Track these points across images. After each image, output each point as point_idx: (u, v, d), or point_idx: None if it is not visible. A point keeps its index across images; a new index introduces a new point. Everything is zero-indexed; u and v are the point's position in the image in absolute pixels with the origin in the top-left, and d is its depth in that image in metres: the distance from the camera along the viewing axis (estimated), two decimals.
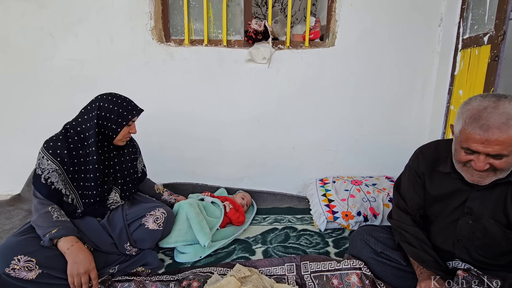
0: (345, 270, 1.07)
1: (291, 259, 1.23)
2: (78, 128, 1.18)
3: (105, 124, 1.17)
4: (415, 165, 1.08)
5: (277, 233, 1.56)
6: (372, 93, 1.86)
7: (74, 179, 1.17)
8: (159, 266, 1.25)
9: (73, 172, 1.17)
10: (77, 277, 1.01)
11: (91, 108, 1.18)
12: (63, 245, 1.03)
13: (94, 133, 1.15)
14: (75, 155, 1.17)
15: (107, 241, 1.17)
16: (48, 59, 1.91)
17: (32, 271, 0.98)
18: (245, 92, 1.89)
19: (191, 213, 1.40)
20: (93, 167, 1.17)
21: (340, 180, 1.81)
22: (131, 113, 1.21)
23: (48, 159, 1.12)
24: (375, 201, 1.60)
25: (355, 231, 1.19)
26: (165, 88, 1.91)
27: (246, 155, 1.99)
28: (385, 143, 1.93)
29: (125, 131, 1.21)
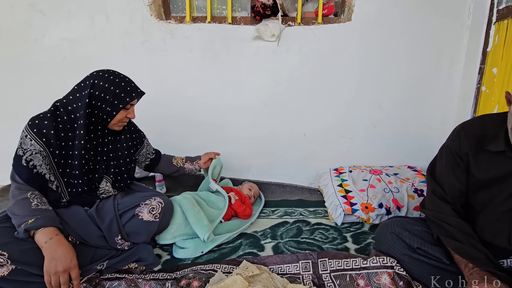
0: (373, 268, 0.90)
1: (307, 256, 1.07)
2: (68, 107, 1.03)
3: (99, 105, 1.02)
4: (455, 145, 0.91)
5: (288, 227, 1.39)
6: (393, 74, 1.67)
7: (60, 165, 1.02)
8: (155, 263, 1.09)
9: (60, 156, 1.01)
10: (54, 276, 0.86)
11: (84, 86, 1.03)
12: (41, 238, 0.88)
13: (84, 115, 1.00)
14: (63, 137, 1.01)
15: (94, 234, 1.02)
16: (39, 38, 1.77)
17: (4, 267, 0.84)
18: (252, 73, 1.73)
19: (186, 205, 1.25)
20: (78, 153, 1.02)
21: (357, 169, 1.64)
22: (130, 95, 1.05)
23: (32, 138, 0.97)
24: (399, 192, 1.43)
25: (382, 223, 1.02)
26: (164, 69, 1.75)
27: (253, 142, 1.83)
28: (407, 129, 1.74)
29: (121, 115, 1.06)
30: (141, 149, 1.33)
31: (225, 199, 1.43)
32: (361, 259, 0.94)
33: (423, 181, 1.49)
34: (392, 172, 1.58)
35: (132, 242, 1.09)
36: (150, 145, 1.40)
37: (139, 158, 1.34)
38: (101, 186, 1.10)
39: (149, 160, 1.38)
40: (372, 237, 1.29)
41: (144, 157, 1.36)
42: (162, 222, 1.13)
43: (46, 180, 0.99)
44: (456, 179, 0.89)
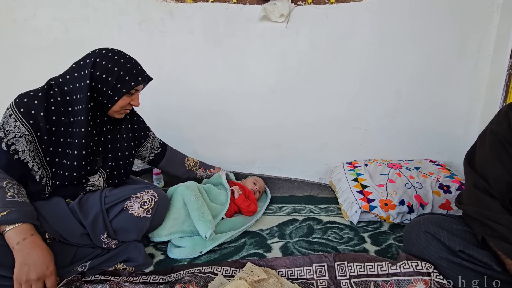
0: (405, 275, 0.75)
1: (321, 258, 0.92)
2: (65, 87, 0.89)
3: (100, 88, 0.89)
4: (502, 128, 0.75)
5: (297, 225, 1.24)
6: (414, 58, 1.51)
7: (48, 153, 0.88)
8: (146, 263, 0.95)
9: (48, 142, 0.87)
10: (26, 285, 0.72)
11: (84, 64, 0.89)
12: (12, 237, 0.74)
13: (86, 98, 0.87)
14: (54, 121, 0.87)
15: (76, 231, 0.88)
16: (29, 19, 1.65)
17: None
18: (258, 57, 1.58)
19: (189, 197, 1.10)
20: (78, 142, 0.88)
21: (373, 163, 1.49)
22: (136, 79, 0.92)
23: (17, 119, 0.83)
24: (422, 188, 1.27)
25: (413, 221, 0.87)
26: (163, 52, 1.61)
27: (258, 133, 1.68)
28: (428, 119, 1.58)
29: (124, 101, 0.93)
30: (145, 144, 1.19)
31: (227, 193, 1.29)
32: (389, 263, 0.79)
33: (449, 176, 1.33)
34: (412, 166, 1.42)
35: (121, 240, 0.95)
36: (156, 139, 1.26)
37: (143, 153, 1.21)
38: (91, 180, 0.96)
39: (154, 155, 1.24)
40: (393, 238, 1.14)
41: (149, 152, 1.22)
42: (156, 218, 0.98)
43: (28, 169, 0.85)
44: (504, 169, 0.74)
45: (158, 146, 1.25)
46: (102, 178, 0.99)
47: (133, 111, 1.14)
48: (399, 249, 1.06)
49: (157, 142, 1.26)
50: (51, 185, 0.90)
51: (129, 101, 0.95)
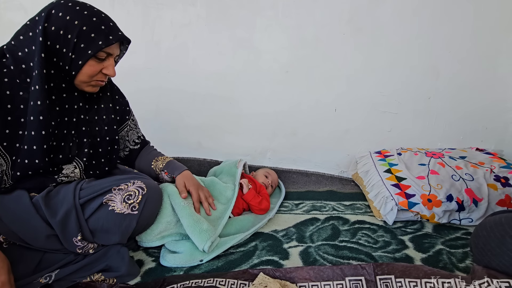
0: None
1: (357, 270, 0.70)
2: (19, 52, 0.69)
3: (58, 49, 0.68)
4: None
5: (319, 226, 1.03)
6: (455, 28, 1.27)
7: (5, 137, 0.69)
8: (130, 273, 0.75)
9: (4, 123, 0.68)
10: None
11: (38, 19, 0.68)
12: None
13: (40, 61, 0.67)
14: (9, 96, 0.68)
15: (40, 233, 0.68)
16: None
17: None
18: (269, 31, 1.37)
19: (178, 200, 0.89)
20: (35, 120, 0.68)
21: (407, 152, 1.25)
22: (105, 37, 0.70)
23: None
24: (473, 180, 1.03)
25: (486, 222, 0.64)
26: (161, 28, 1.42)
27: (269, 120, 1.47)
28: (472, 102, 1.33)
29: (92, 67, 0.72)
30: (121, 130, 0.96)
31: (235, 187, 1.08)
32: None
33: (505, 167, 1.09)
34: (457, 155, 1.18)
35: (100, 244, 0.75)
36: (136, 129, 1.01)
37: None
38: (64, 171, 0.77)
39: (128, 151, 0.99)
40: (442, 243, 0.91)
41: (123, 144, 0.98)
42: (144, 216, 0.78)
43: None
44: None
45: (136, 140, 1.00)
46: (79, 169, 0.79)
47: (115, 87, 0.94)
48: (452, 257, 0.84)
49: (136, 135, 1.00)
50: (11, 176, 0.71)
51: (100, 69, 0.73)
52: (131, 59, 1.47)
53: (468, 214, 1.00)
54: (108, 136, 0.86)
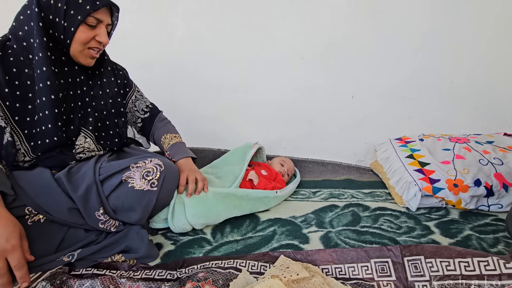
0: None
1: (383, 252, 0.67)
2: (20, 31, 0.73)
3: (52, 19, 0.71)
4: None
5: (338, 212, 1.00)
6: (481, 6, 1.20)
7: (15, 110, 0.72)
8: (150, 255, 0.74)
9: (14, 98, 0.72)
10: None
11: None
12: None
13: (39, 32, 0.70)
14: (15, 74, 0.72)
15: (62, 205, 0.69)
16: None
17: None
18: (283, 17, 1.34)
19: None
20: (44, 86, 0.72)
21: (430, 138, 1.20)
22: (92, 2, 0.72)
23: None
24: (503, 164, 0.98)
25: None
26: (174, 17, 1.42)
27: (284, 108, 1.45)
28: (498, 85, 1.27)
29: (84, 34, 0.74)
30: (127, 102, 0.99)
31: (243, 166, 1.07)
32: (499, 259, 0.53)
33: None
34: (483, 140, 1.13)
35: (122, 221, 0.76)
36: (143, 99, 1.03)
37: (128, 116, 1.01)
38: (78, 142, 0.78)
39: (141, 121, 1.03)
40: (471, 228, 0.87)
41: (133, 115, 1.01)
42: (163, 192, 0.77)
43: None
44: None
45: (145, 110, 1.03)
46: (90, 139, 0.81)
47: (114, 64, 0.95)
48: (483, 242, 0.79)
49: (145, 104, 1.03)
50: (30, 150, 0.73)
51: (93, 36, 0.75)
52: (145, 49, 1.49)
53: (497, 200, 0.95)
54: (113, 108, 0.89)
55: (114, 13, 0.81)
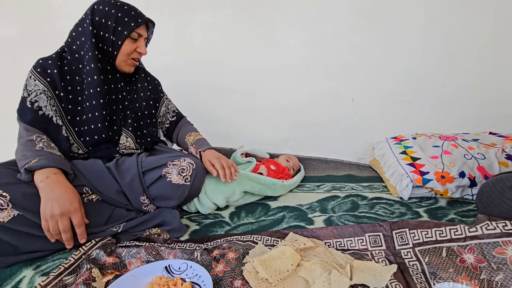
0: (489, 237, 0.62)
1: (375, 227, 0.80)
2: (73, 46, 0.90)
3: (102, 35, 0.87)
4: None
5: (339, 201, 1.13)
6: (470, 18, 1.34)
7: (68, 111, 0.89)
8: (181, 229, 0.89)
9: (67, 101, 0.88)
10: (52, 220, 0.70)
11: (84, 16, 0.89)
12: (37, 177, 0.74)
13: (91, 46, 0.86)
14: (69, 80, 0.88)
15: (112, 187, 0.85)
16: (63, 5, 1.68)
17: (4, 211, 0.69)
18: (290, 28, 1.49)
19: None
20: (94, 92, 0.88)
21: (422, 136, 1.33)
22: (135, 20, 0.88)
23: (36, 78, 0.85)
24: (485, 159, 1.11)
25: (490, 180, 0.73)
26: (192, 28, 1.58)
27: (291, 111, 1.59)
28: (486, 89, 1.40)
29: (129, 46, 0.90)
30: (160, 106, 1.15)
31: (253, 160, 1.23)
32: (465, 226, 0.66)
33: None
34: (470, 138, 1.26)
35: (158, 207, 0.91)
36: (171, 104, 1.21)
37: (160, 119, 1.17)
38: (121, 142, 0.94)
39: (168, 123, 1.18)
40: (455, 213, 1.00)
41: (164, 118, 1.18)
42: (194, 186, 0.93)
43: (54, 125, 0.86)
44: None
45: (173, 114, 1.19)
46: (131, 139, 0.96)
47: (147, 72, 1.10)
48: (463, 224, 0.92)
49: (173, 108, 1.20)
50: (83, 144, 0.89)
51: (135, 48, 0.90)
52: (165, 57, 1.65)
53: None
54: (146, 110, 1.04)
55: (150, 28, 0.97)
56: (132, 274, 0.67)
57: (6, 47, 1.77)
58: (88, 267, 0.69)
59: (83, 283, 0.64)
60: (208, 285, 0.62)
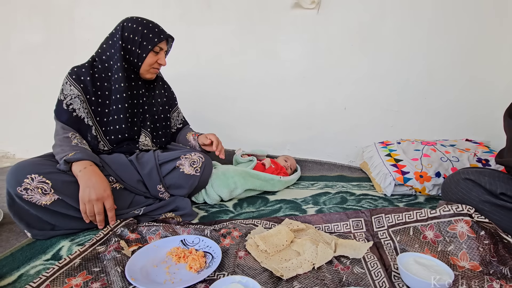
0: (445, 217, 0.76)
1: (358, 214, 0.95)
2: (103, 56, 1.05)
3: (129, 48, 1.03)
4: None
5: (330, 196, 1.28)
6: (447, 38, 1.52)
7: (97, 113, 1.04)
8: (192, 214, 1.03)
9: (96, 104, 1.04)
10: (88, 204, 0.85)
11: (115, 31, 1.05)
12: (76, 168, 0.88)
13: (120, 58, 1.02)
14: (99, 86, 1.04)
15: (134, 177, 0.99)
16: (85, 17, 1.86)
17: (47, 195, 0.83)
18: (289, 43, 1.67)
19: None
20: (120, 97, 1.03)
21: (406, 141, 1.49)
22: (158, 36, 1.04)
23: (71, 84, 1.01)
24: (459, 161, 1.26)
25: (451, 174, 0.88)
26: (201, 42, 1.75)
27: (289, 117, 1.75)
28: (462, 100, 1.56)
29: (151, 58, 1.05)
30: (173, 112, 1.30)
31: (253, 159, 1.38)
32: (428, 209, 0.81)
33: (488, 152, 1.31)
34: (448, 144, 1.41)
35: (172, 195, 1.05)
36: (181, 113, 1.36)
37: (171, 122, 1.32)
38: (140, 140, 1.09)
39: (175, 129, 1.33)
40: (430, 207, 1.14)
41: (174, 122, 1.31)
42: (203, 177, 1.08)
43: (85, 125, 1.01)
44: None
45: (180, 122, 1.34)
46: (149, 138, 1.11)
47: (163, 80, 1.26)
48: None
49: (181, 116, 1.35)
50: (108, 142, 1.03)
51: (156, 60, 1.06)
52: (177, 67, 1.82)
53: None
54: (162, 114, 1.20)
55: (170, 42, 1.13)
56: (154, 244, 0.81)
57: (32, 52, 1.93)
58: (116, 240, 0.83)
59: (114, 250, 0.78)
60: (218, 253, 0.76)
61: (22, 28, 1.91)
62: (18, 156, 2.04)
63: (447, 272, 0.64)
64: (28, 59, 1.94)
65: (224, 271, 0.72)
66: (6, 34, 1.93)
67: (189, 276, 0.69)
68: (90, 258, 0.76)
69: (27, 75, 1.96)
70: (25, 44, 1.93)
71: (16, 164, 0.85)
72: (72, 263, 0.73)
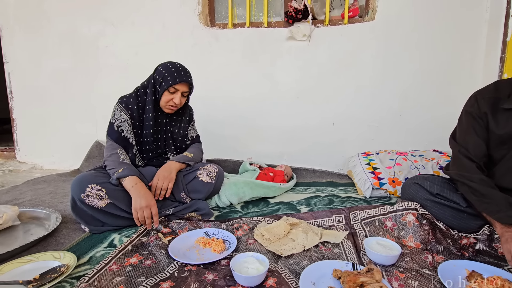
0: (399, 211, 1.03)
1: (339, 211, 1.22)
2: (143, 90, 1.31)
3: (156, 86, 1.27)
4: (474, 108, 1.01)
5: (320, 199, 1.55)
6: (417, 65, 1.83)
7: (137, 135, 1.30)
8: (210, 213, 1.30)
9: (137, 127, 1.29)
10: (140, 211, 1.09)
11: (153, 72, 1.31)
12: (128, 183, 1.13)
13: (151, 93, 1.27)
14: (141, 113, 1.29)
15: None
16: (109, 46, 2.14)
17: (102, 200, 1.09)
18: (285, 69, 1.96)
19: None
20: (148, 124, 1.28)
21: (383, 152, 1.77)
22: (174, 79, 1.22)
23: (122, 111, 1.26)
24: (424, 169, 1.54)
25: (407, 179, 1.16)
26: (210, 67, 2.04)
27: (285, 132, 2.03)
28: (432, 116, 1.86)
29: (166, 97, 1.25)
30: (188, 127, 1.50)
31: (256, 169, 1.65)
32: (389, 206, 1.08)
33: (448, 160, 1.59)
34: (418, 154, 1.70)
35: (192, 198, 1.32)
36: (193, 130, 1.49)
37: None
38: (167, 156, 1.36)
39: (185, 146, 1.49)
40: None
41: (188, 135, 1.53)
42: (217, 184, 1.35)
43: (129, 144, 1.26)
44: (479, 137, 0.97)
45: (189, 138, 1.45)
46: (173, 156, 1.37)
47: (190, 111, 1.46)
48: None
49: (191, 133, 1.45)
50: (142, 158, 1.30)
51: (171, 98, 1.26)
52: None
53: None
54: (182, 136, 1.43)
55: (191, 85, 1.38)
56: (185, 235, 1.07)
57: (61, 76, 2.21)
58: (155, 232, 1.10)
59: (155, 239, 1.05)
60: (233, 241, 1.02)
61: (53, 55, 2.19)
62: (46, 167, 2.29)
63: (397, 249, 0.91)
64: (57, 82, 2.21)
65: (239, 252, 0.99)
66: (38, 60, 2.21)
67: (214, 255, 0.96)
68: (138, 245, 1.02)
69: (56, 96, 2.23)
70: (54, 68, 2.20)
71: (79, 176, 1.11)
72: (126, 249, 0.99)
